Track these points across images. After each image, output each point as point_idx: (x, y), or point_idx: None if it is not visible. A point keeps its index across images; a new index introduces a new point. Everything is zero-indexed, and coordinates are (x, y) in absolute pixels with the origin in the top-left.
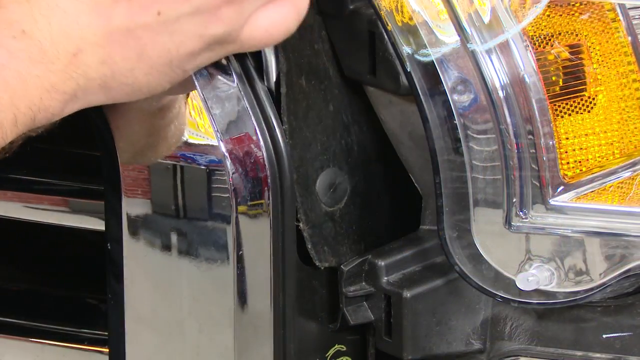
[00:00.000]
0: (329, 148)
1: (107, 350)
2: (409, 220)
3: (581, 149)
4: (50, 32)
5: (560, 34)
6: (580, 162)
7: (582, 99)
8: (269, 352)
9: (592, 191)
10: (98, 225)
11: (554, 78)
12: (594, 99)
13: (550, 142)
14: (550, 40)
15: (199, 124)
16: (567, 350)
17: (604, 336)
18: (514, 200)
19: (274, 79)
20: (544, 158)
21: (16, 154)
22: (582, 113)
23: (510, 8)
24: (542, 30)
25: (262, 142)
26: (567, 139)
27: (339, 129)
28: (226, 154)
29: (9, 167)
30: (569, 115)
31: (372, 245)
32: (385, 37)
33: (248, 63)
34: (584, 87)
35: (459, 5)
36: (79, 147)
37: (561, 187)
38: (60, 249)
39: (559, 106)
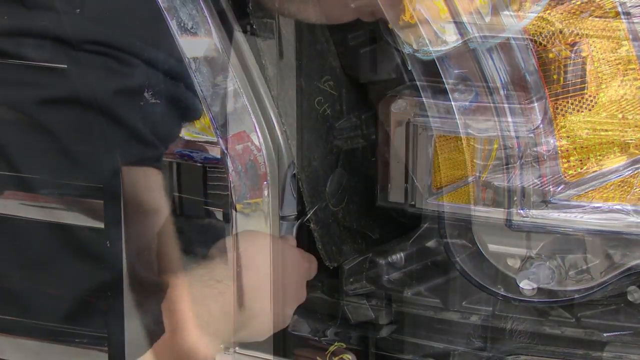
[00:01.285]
0: (336, 148)
1: (107, 349)
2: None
3: (582, 147)
4: None
5: (561, 32)
6: (581, 160)
7: (583, 98)
8: (269, 349)
9: (593, 189)
10: (97, 222)
11: (554, 76)
12: (594, 97)
13: (551, 141)
14: (551, 38)
15: (198, 121)
16: (568, 349)
17: (605, 334)
18: (515, 198)
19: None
20: (545, 156)
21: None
22: (583, 111)
23: (511, 7)
24: (543, 28)
25: (261, 140)
26: (568, 137)
27: (347, 129)
28: (226, 152)
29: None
30: (570, 113)
31: (373, 244)
32: (386, 35)
33: (248, 61)
34: (584, 85)
35: (460, 4)
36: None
37: (562, 186)
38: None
39: (560, 104)
